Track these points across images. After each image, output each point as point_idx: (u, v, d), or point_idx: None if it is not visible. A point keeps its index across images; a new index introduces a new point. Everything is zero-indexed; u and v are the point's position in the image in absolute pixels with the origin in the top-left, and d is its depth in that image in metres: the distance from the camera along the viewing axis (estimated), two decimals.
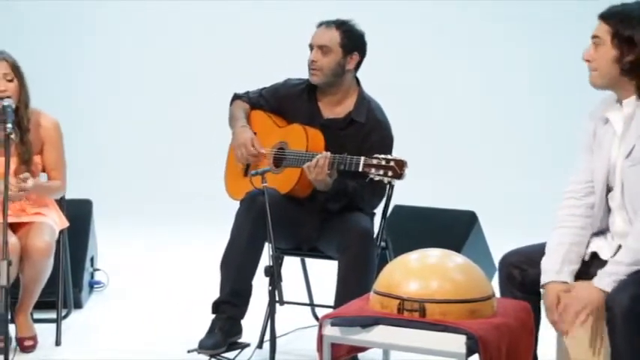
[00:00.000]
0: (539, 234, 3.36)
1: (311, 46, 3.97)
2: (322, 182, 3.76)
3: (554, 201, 3.29)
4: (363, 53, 3.97)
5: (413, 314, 2.96)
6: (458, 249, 4.55)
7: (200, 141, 7.29)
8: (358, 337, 3.02)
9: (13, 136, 3.77)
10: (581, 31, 3.37)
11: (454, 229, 4.99)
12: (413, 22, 7.54)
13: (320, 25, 3.98)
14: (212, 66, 7.62)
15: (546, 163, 7.21)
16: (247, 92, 4.15)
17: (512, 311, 3.09)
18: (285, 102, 4.06)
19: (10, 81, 3.96)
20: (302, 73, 4.05)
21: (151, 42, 7.76)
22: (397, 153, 3.93)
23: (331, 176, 3.75)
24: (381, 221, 4.04)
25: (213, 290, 3.89)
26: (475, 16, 7.51)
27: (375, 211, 4.02)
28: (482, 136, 7.55)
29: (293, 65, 4.24)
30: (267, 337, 3.65)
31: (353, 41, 3.93)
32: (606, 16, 3.03)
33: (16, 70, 3.98)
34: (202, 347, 3.77)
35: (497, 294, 3.18)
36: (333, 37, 3.92)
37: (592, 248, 3.17)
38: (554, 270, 3.08)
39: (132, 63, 7.80)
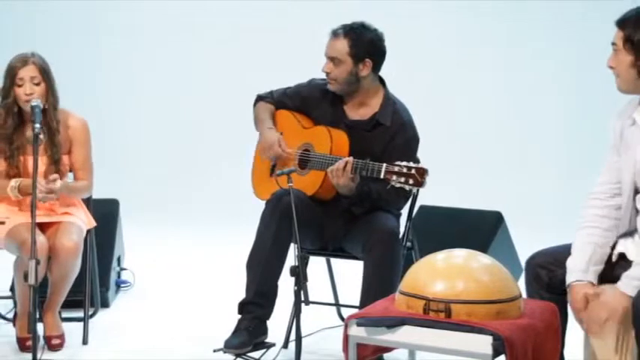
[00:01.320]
0: (566, 234, 3.34)
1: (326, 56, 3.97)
2: (346, 187, 3.75)
3: (581, 201, 3.27)
4: (377, 57, 3.92)
5: (439, 315, 2.96)
6: (484, 249, 4.53)
7: (227, 141, 7.31)
8: (384, 337, 3.02)
9: (41, 136, 3.81)
10: (605, 31, 3.36)
11: (480, 230, 4.97)
12: (437, 20, 7.51)
13: (331, 34, 3.95)
14: (237, 67, 7.63)
15: (573, 163, 7.16)
16: (271, 92, 4.15)
17: (539, 312, 3.07)
18: (310, 102, 4.05)
19: (37, 84, 3.99)
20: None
21: (177, 42, 7.78)
22: (423, 153, 3.93)
23: (354, 181, 3.75)
24: (407, 221, 4.03)
25: (238, 290, 3.90)
26: (501, 14, 7.47)
27: (401, 211, 4.01)
28: (509, 136, 7.51)
29: (315, 65, 4.21)
30: (292, 337, 3.66)
31: (362, 48, 3.88)
32: (620, 23, 3.07)
33: (44, 73, 4.00)
34: (228, 347, 3.78)
35: (524, 295, 3.17)
36: (342, 47, 3.89)
37: (619, 249, 3.15)
38: (580, 270, 3.08)
39: (158, 63, 7.82)
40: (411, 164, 3.60)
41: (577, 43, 7.29)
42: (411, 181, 3.58)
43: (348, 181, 3.73)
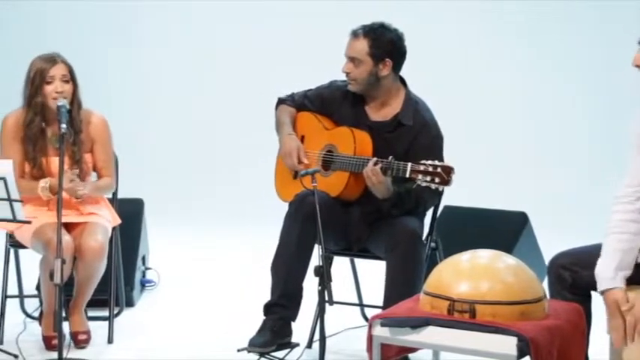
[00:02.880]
0: (591, 235, 3.32)
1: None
2: (382, 185, 3.72)
3: (606, 202, 3.25)
4: (397, 57, 3.90)
5: (463, 315, 2.95)
6: (508, 250, 4.50)
7: (251, 140, 7.31)
8: (408, 337, 3.01)
9: (66, 135, 3.84)
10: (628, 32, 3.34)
11: (505, 230, 4.94)
12: (461, 19, 7.50)
13: (351, 34, 3.94)
14: (258, 67, 7.64)
15: (598, 164, 7.12)
16: (292, 95, 4.14)
17: (564, 313, 3.06)
18: (331, 104, 4.05)
19: (67, 82, 4.03)
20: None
21: (200, 42, 7.81)
22: (447, 153, 3.92)
23: (388, 175, 3.71)
24: (431, 222, 4.02)
25: (263, 289, 3.91)
26: (524, 12, 7.44)
27: (426, 211, 4.00)
28: (534, 136, 7.48)
29: (336, 65, 4.22)
30: (316, 336, 3.66)
31: (382, 48, 3.87)
32: None
33: (72, 72, 4.05)
34: (252, 345, 3.78)
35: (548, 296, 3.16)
36: (362, 47, 3.88)
37: None
38: (609, 277, 3.06)
39: (182, 63, 7.85)
40: (437, 162, 3.59)
41: (601, 42, 7.25)
42: (437, 180, 3.58)
43: (384, 179, 3.70)
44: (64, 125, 3.77)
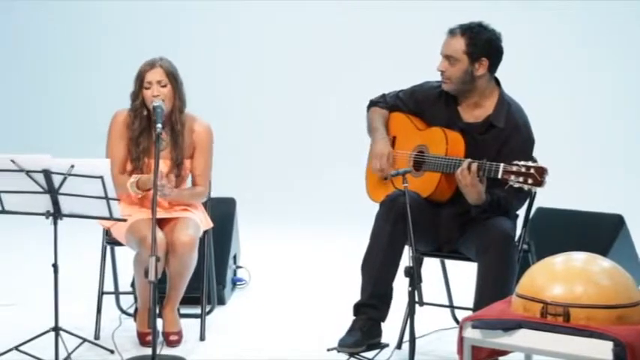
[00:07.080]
0: None
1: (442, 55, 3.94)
2: (474, 189, 3.67)
3: None
4: (494, 57, 3.85)
5: (557, 319, 2.91)
6: (604, 253, 4.39)
7: (342, 141, 7.35)
8: (500, 340, 2.98)
9: (163, 135, 3.90)
10: None
11: (600, 233, 4.84)
12: (555, 20, 7.39)
13: (447, 33, 3.91)
14: (352, 67, 7.66)
15: None
16: (383, 95, 4.12)
17: None
18: (423, 105, 4.02)
19: (164, 86, 4.08)
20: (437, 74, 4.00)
21: (295, 43, 7.87)
22: (540, 154, 3.86)
23: (482, 182, 3.68)
24: (524, 224, 3.97)
25: (353, 289, 3.91)
26: (621, 11, 7.29)
27: (518, 213, 3.95)
28: (630, 137, 7.31)
29: (429, 66, 4.20)
30: (406, 337, 3.65)
31: (479, 47, 3.82)
32: None
33: (170, 76, 4.09)
34: (342, 346, 3.79)
35: None
36: (458, 46, 3.84)
37: None
38: None
39: (276, 64, 7.93)
40: (530, 163, 3.54)
41: None
42: (530, 181, 3.52)
43: (475, 182, 3.67)
44: (159, 125, 3.83)
